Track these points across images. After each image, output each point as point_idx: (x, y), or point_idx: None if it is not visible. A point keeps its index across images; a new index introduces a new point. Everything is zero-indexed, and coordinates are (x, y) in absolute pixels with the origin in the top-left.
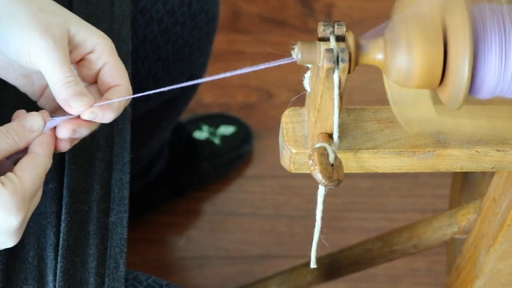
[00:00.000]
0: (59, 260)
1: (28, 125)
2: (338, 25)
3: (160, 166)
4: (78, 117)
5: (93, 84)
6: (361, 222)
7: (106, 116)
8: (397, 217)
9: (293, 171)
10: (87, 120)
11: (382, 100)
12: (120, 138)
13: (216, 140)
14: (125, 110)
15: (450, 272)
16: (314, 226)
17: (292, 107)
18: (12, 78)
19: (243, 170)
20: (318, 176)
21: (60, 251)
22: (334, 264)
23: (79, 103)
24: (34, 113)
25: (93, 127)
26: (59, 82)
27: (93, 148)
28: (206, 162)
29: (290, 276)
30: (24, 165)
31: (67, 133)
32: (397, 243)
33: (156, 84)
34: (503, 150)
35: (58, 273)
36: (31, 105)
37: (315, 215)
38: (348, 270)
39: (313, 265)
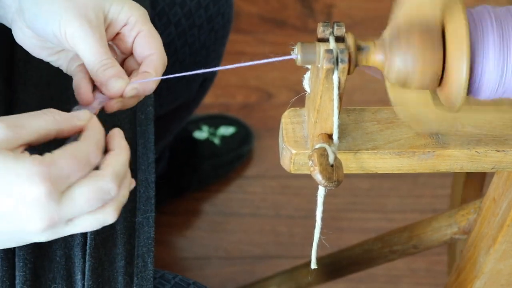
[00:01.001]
0: (87, 259)
1: (74, 114)
2: (337, 25)
3: (160, 167)
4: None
5: (132, 55)
6: (361, 222)
7: (147, 89)
8: (397, 217)
9: (293, 172)
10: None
11: (382, 100)
12: (144, 139)
13: (216, 141)
14: (148, 112)
15: (450, 272)
16: (314, 227)
17: (292, 108)
18: (46, 55)
19: (243, 170)
20: (318, 177)
21: (88, 250)
22: (334, 264)
23: (115, 86)
24: (79, 107)
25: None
26: (95, 66)
27: None
28: (206, 162)
29: (290, 276)
30: (63, 146)
31: (117, 106)
32: (397, 243)
33: (170, 88)
34: (503, 151)
35: (86, 272)
36: (54, 107)
37: (315, 215)
38: (348, 270)
39: (313, 265)
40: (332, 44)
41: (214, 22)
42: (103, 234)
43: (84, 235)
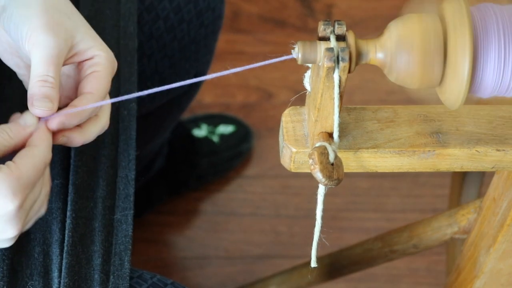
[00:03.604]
0: (64, 256)
1: (22, 122)
2: (338, 24)
3: (159, 164)
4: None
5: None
6: (361, 222)
7: (72, 122)
8: (397, 217)
9: (293, 170)
10: (77, 128)
11: (382, 99)
12: (125, 135)
13: (215, 139)
14: (131, 108)
15: (450, 272)
16: (314, 226)
17: (292, 106)
18: (13, 64)
19: (243, 170)
20: (318, 175)
21: (65, 248)
22: (334, 264)
23: (41, 105)
24: (27, 112)
25: (83, 118)
26: (37, 77)
27: (98, 145)
28: (204, 160)
29: (290, 276)
30: (21, 153)
31: (56, 125)
32: (397, 243)
33: (162, 82)
34: (503, 150)
35: (63, 270)
36: None
37: (315, 214)
38: (348, 270)
39: (313, 264)
40: (333, 43)
41: (204, 17)
42: (81, 231)
43: (62, 232)
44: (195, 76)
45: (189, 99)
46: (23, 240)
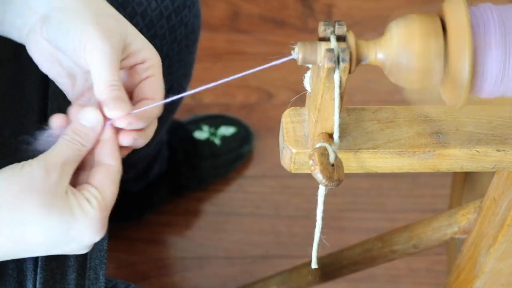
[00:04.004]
0: (38, 271)
1: (86, 123)
2: (338, 24)
3: (159, 167)
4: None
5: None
6: (361, 222)
7: (139, 125)
8: (397, 217)
9: (293, 171)
10: (141, 130)
11: (382, 100)
12: None
13: (217, 140)
14: None
15: (450, 272)
16: (314, 226)
17: (293, 107)
18: (55, 74)
19: (243, 170)
20: (319, 176)
21: (39, 263)
22: (334, 264)
23: (118, 106)
24: (87, 110)
25: (148, 121)
26: (105, 83)
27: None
28: (206, 162)
29: (290, 276)
30: (102, 179)
31: (125, 124)
32: (397, 243)
33: None
34: (503, 150)
35: (37, 285)
36: (9, 118)
37: (315, 215)
38: (348, 270)
39: (314, 265)
40: (333, 43)
41: (177, 32)
42: None
43: None
44: (169, 90)
45: (173, 107)
46: None
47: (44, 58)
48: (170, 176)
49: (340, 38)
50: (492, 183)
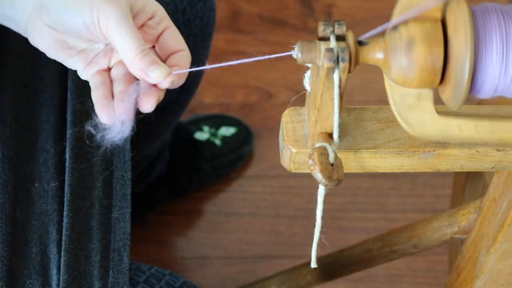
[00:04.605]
0: (62, 254)
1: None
2: (338, 24)
3: (160, 168)
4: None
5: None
6: (361, 222)
7: (179, 82)
8: (397, 217)
9: (293, 171)
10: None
11: (382, 100)
12: None
13: (217, 141)
14: None
15: (450, 272)
16: (314, 226)
17: (292, 107)
18: (64, 57)
19: (243, 170)
20: (318, 176)
21: (63, 246)
22: (334, 264)
23: (158, 73)
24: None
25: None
26: (133, 51)
27: (93, 148)
28: (207, 163)
29: (290, 276)
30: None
31: (168, 84)
32: (397, 243)
33: None
34: (503, 150)
35: (62, 267)
36: (29, 110)
37: (315, 215)
38: (348, 270)
39: (313, 264)
40: (333, 43)
41: (192, 25)
42: (78, 230)
43: (59, 232)
44: (184, 85)
45: (182, 105)
46: (20, 242)
47: (50, 45)
48: (171, 178)
49: (340, 38)
50: (492, 183)
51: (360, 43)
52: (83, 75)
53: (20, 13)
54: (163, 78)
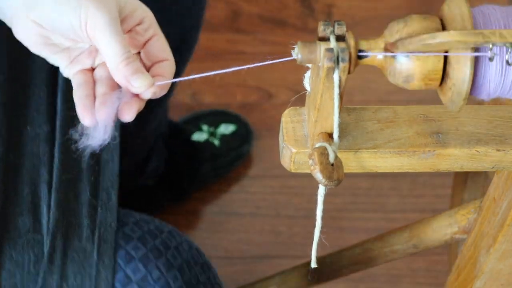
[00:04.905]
0: (52, 193)
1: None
2: (338, 24)
3: (156, 162)
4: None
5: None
6: (361, 222)
7: (162, 93)
8: (397, 217)
9: (293, 171)
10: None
11: (382, 100)
12: None
13: (216, 141)
14: None
15: (450, 272)
16: (314, 226)
17: (292, 107)
18: (47, 53)
19: (243, 170)
20: (318, 176)
21: (54, 186)
22: (334, 264)
23: (140, 83)
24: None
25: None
26: (118, 58)
27: None
28: (206, 164)
29: (290, 276)
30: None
31: (149, 95)
32: (397, 243)
33: None
34: (503, 150)
35: (52, 205)
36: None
37: (315, 215)
38: (348, 270)
39: (313, 264)
40: (332, 43)
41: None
42: (68, 171)
43: (50, 174)
44: (181, 42)
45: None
46: (12, 182)
47: (34, 40)
48: (170, 180)
49: (340, 38)
50: (492, 183)
51: (359, 58)
52: (65, 73)
53: (7, 4)
54: (146, 88)
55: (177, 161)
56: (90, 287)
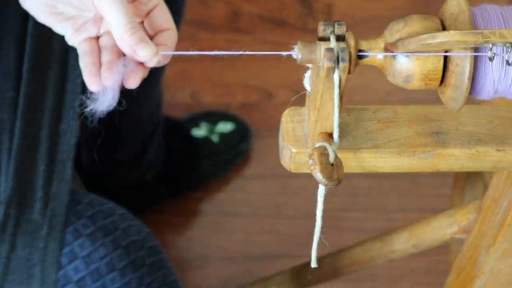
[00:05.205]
0: (11, 162)
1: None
2: (338, 24)
3: (153, 154)
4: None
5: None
6: (361, 222)
7: (165, 62)
8: (397, 217)
9: (293, 171)
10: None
11: (382, 100)
12: (76, 52)
13: (215, 138)
14: None
15: (450, 272)
16: (314, 226)
17: (292, 107)
18: (53, 21)
19: (243, 170)
20: (318, 176)
21: (13, 154)
22: (334, 264)
23: (145, 52)
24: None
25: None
26: (123, 27)
27: (49, 60)
28: (205, 161)
29: (290, 276)
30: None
31: (154, 64)
32: (397, 243)
33: None
34: (503, 150)
35: (9, 174)
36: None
37: (315, 215)
38: (348, 270)
39: (313, 264)
40: (333, 43)
41: None
42: (28, 140)
43: (11, 141)
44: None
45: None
46: None
47: (40, 9)
48: (169, 177)
49: (340, 38)
50: (492, 183)
51: (359, 58)
52: (70, 41)
53: None
54: (150, 57)
55: (175, 158)
56: (38, 259)
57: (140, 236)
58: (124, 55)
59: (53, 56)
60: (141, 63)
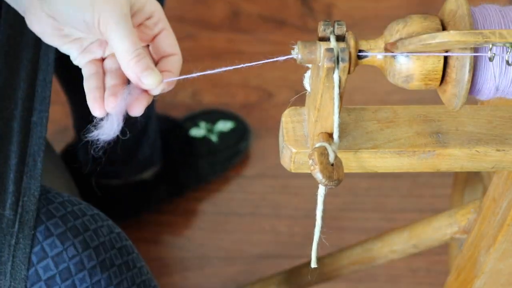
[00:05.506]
0: None
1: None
2: (338, 24)
3: (148, 148)
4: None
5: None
6: (361, 222)
7: (169, 89)
8: (397, 217)
9: (293, 171)
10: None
11: (382, 100)
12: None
13: (214, 137)
14: None
15: (450, 272)
16: (314, 226)
17: (292, 107)
18: (58, 43)
19: (243, 169)
20: (318, 176)
21: None
22: (334, 264)
23: (151, 80)
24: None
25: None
26: (129, 55)
27: (22, 46)
28: (203, 160)
29: (290, 276)
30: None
31: (158, 92)
32: (397, 243)
33: None
34: (503, 150)
35: None
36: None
37: (315, 215)
38: (348, 270)
39: (313, 264)
40: (333, 43)
41: None
42: (2, 130)
43: None
44: None
45: None
46: None
47: (47, 32)
48: (168, 176)
49: (340, 38)
50: (492, 183)
51: (359, 58)
52: (75, 61)
53: None
54: (155, 85)
55: (174, 156)
56: (8, 256)
57: (110, 237)
58: (128, 80)
59: (25, 43)
60: (145, 91)
